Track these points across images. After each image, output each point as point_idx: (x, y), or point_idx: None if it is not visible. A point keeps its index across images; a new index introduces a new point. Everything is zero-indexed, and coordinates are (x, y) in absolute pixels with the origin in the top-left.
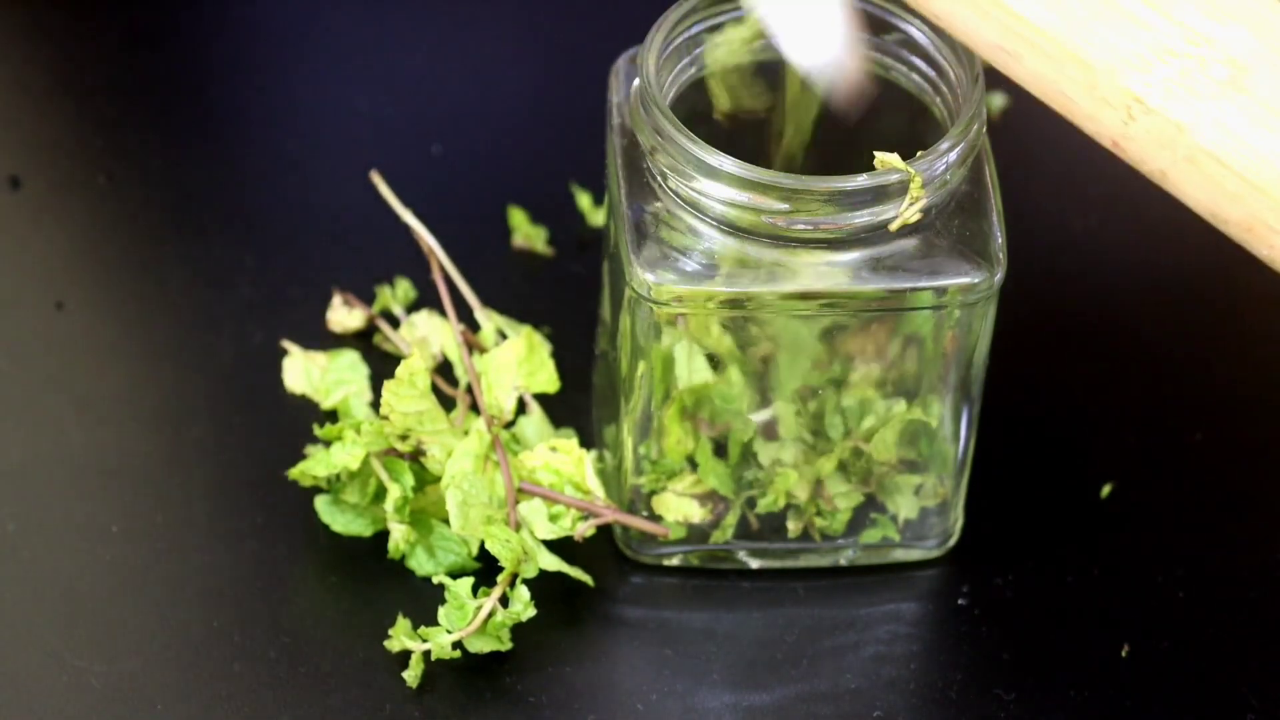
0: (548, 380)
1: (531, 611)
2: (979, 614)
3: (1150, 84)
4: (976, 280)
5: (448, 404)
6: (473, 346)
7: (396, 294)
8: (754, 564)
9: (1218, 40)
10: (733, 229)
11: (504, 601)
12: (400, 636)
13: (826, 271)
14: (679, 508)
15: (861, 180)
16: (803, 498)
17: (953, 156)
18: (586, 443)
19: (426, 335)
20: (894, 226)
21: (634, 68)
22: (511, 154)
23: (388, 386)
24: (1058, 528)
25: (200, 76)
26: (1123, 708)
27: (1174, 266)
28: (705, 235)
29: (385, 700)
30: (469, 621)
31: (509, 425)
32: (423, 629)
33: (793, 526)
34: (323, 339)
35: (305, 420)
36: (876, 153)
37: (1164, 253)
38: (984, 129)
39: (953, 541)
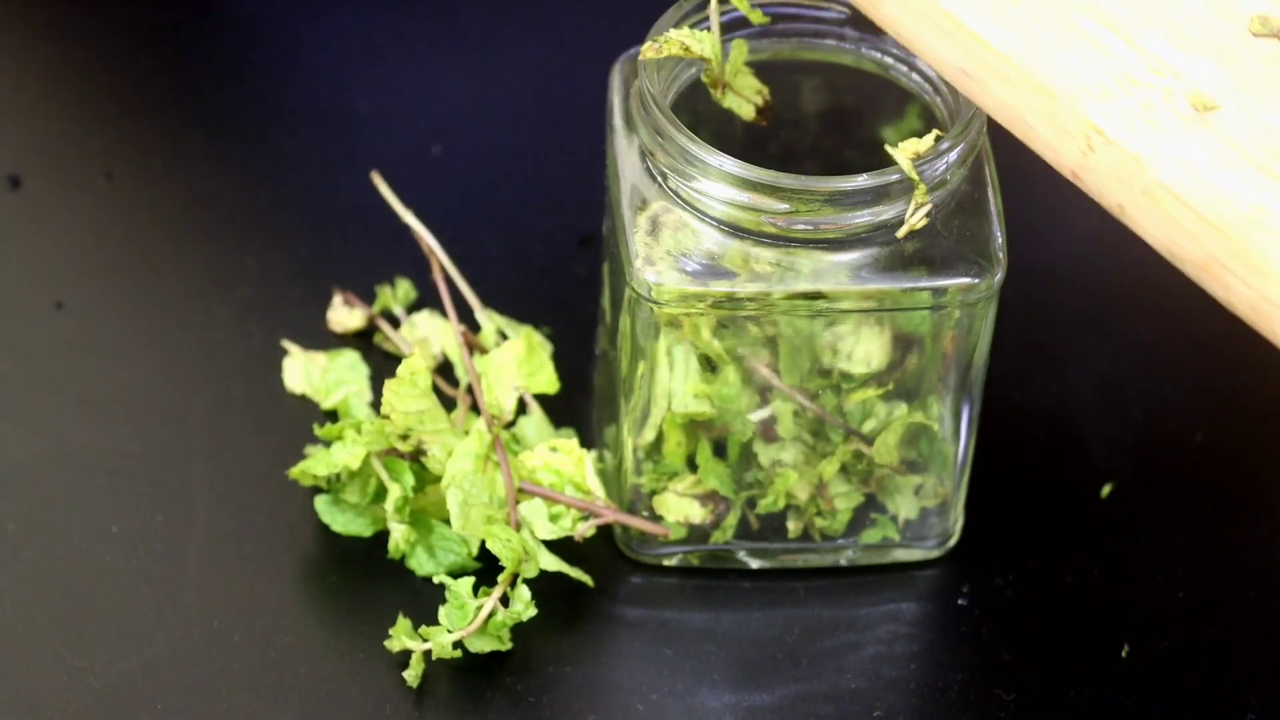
0: (548, 380)
1: (532, 611)
2: (979, 614)
3: (1110, 114)
4: (976, 280)
5: (448, 404)
6: (473, 346)
7: (397, 294)
8: (754, 564)
9: (1185, 72)
10: (733, 229)
11: (504, 601)
12: (400, 636)
13: (826, 271)
14: (679, 508)
15: (861, 180)
16: (803, 498)
17: (953, 156)
18: (586, 443)
19: (427, 335)
20: (901, 233)
21: (634, 68)
22: (511, 154)
23: (389, 385)
24: (1058, 528)
25: (200, 76)
26: (1123, 708)
27: (1174, 266)
28: (705, 235)
29: (385, 700)
30: (469, 621)
31: (509, 425)
32: (423, 629)
33: (793, 527)
34: (323, 339)
35: (305, 420)
36: (888, 147)
37: None
38: (984, 129)
39: (953, 541)
